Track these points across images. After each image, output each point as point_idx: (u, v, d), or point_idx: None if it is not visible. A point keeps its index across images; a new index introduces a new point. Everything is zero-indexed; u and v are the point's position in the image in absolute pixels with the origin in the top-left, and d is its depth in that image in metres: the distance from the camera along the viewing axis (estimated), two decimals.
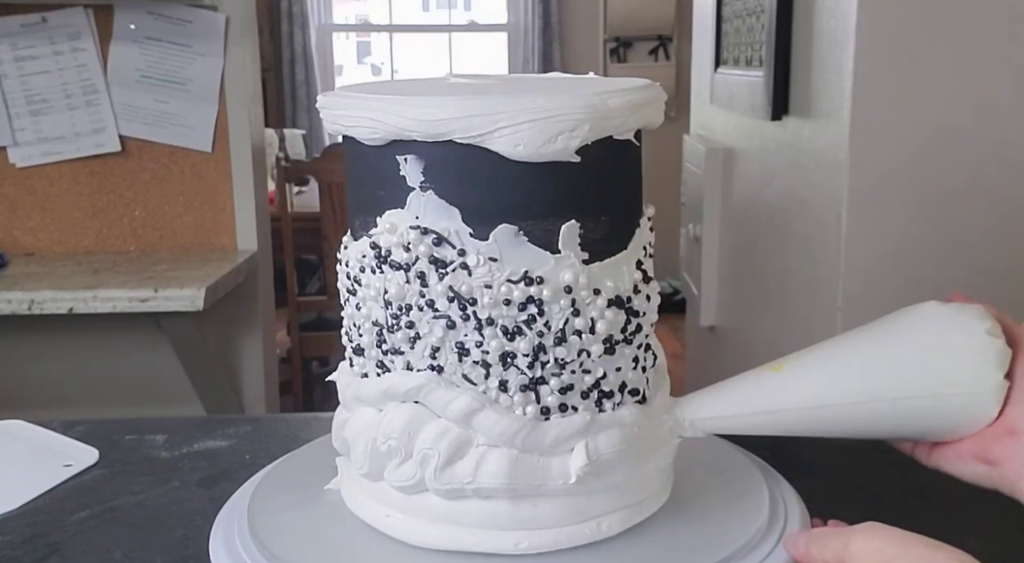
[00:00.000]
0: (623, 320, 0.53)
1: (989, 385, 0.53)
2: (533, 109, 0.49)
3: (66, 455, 0.78)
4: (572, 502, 0.54)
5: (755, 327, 1.84)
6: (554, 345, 0.51)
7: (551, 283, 0.50)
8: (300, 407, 2.81)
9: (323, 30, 4.63)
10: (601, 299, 0.52)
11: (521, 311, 0.50)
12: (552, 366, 0.51)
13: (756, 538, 0.55)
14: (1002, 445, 0.53)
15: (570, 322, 0.51)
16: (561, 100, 0.49)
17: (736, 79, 1.83)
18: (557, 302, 0.51)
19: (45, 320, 1.64)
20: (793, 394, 0.56)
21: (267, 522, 0.58)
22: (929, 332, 0.56)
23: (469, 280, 0.50)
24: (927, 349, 0.55)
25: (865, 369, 0.55)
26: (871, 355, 0.56)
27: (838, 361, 0.56)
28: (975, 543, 0.63)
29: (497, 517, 0.53)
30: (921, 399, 0.54)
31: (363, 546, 0.56)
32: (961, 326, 0.55)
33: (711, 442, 0.69)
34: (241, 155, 1.86)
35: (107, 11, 1.80)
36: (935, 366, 0.54)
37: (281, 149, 3.89)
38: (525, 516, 0.53)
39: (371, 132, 0.51)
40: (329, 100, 0.54)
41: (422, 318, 0.51)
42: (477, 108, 0.49)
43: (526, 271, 0.50)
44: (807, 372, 0.56)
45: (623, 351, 0.53)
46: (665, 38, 4.38)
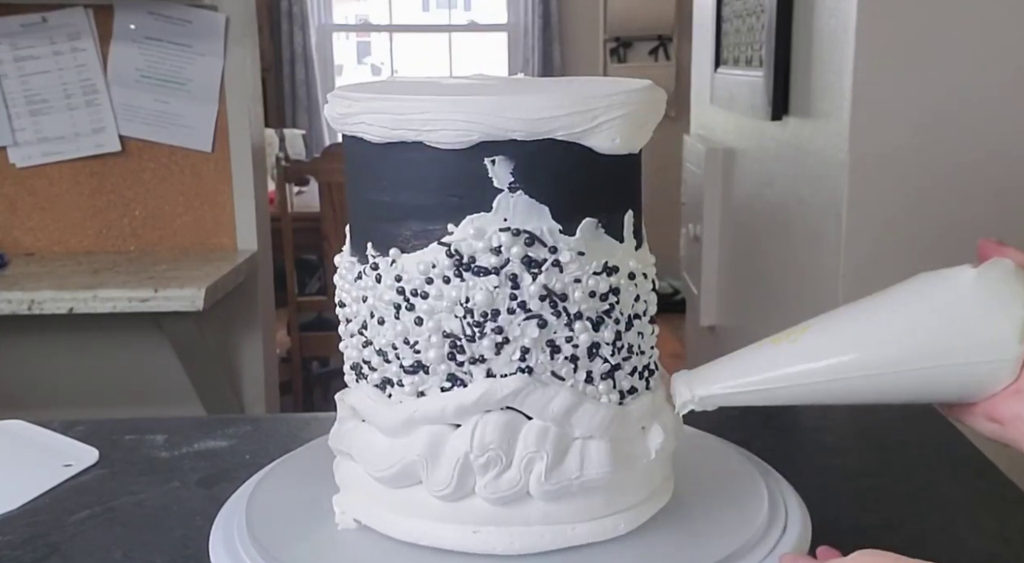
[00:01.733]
0: (656, 302, 0.57)
1: (1011, 355, 0.52)
2: (625, 104, 0.51)
3: (66, 455, 0.78)
4: (645, 478, 0.56)
5: (755, 327, 1.84)
6: (626, 331, 0.54)
7: (624, 272, 0.53)
8: (300, 407, 2.81)
9: (323, 30, 4.63)
10: (648, 282, 0.55)
11: (603, 301, 0.52)
12: (625, 351, 0.54)
13: (756, 538, 0.55)
14: (1008, 405, 0.53)
15: (634, 307, 0.54)
16: (638, 94, 0.52)
17: (736, 79, 1.83)
18: (628, 289, 0.53)
19: (45, 320, 1.64)
20: (814, 367, 0.55)
21: (267, 522, 0.58)
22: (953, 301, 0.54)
23: (561, 277, 0.51)
24: (951, 320, 0.54)
25: (889, 339, 0.54)
26: (895, 325, 0.55)
27: (861, 331, 0.55)
28: (975, 543, 0.63)
29: (595, 507, 0.54)
30: (941, 369, 0.53)
31: (362, 546, 0.56)
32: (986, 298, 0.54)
33: (711, 442, 0.69)
34: (241, 155, 1.86)
35: (107, 11, 1.80)
36: (958, 337, 0.53)
37: (281, 149, 3.89)
38: (618, 500, 0.55)
39: (459, 135, 0.49)
40: (386, 102, 0.51)
41: (512, 321, 0.51)
42: (577, 104, 0.49)
43: (606, 262, 0.52)
44: (829, 343, 0.55)
45: (654, 332, 0.57)
46: (665, 38, 4.37)
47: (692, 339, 2.50)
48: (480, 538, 0.53)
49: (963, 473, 0.74)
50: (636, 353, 0.54)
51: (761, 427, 0.83)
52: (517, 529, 0.53)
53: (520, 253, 0.50)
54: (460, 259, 0.50)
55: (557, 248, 0.51)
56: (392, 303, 0.53)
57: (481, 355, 0.51)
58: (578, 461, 0.52)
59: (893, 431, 0.82)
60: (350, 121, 0.52)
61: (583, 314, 0.51)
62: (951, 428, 0.82)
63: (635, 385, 0.55)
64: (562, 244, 0.51)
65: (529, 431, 0.52)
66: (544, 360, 0.51)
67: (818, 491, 0.64)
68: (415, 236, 0.52)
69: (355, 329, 0.56)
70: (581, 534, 0.54)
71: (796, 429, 0.85)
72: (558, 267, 0.51)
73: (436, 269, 0.51)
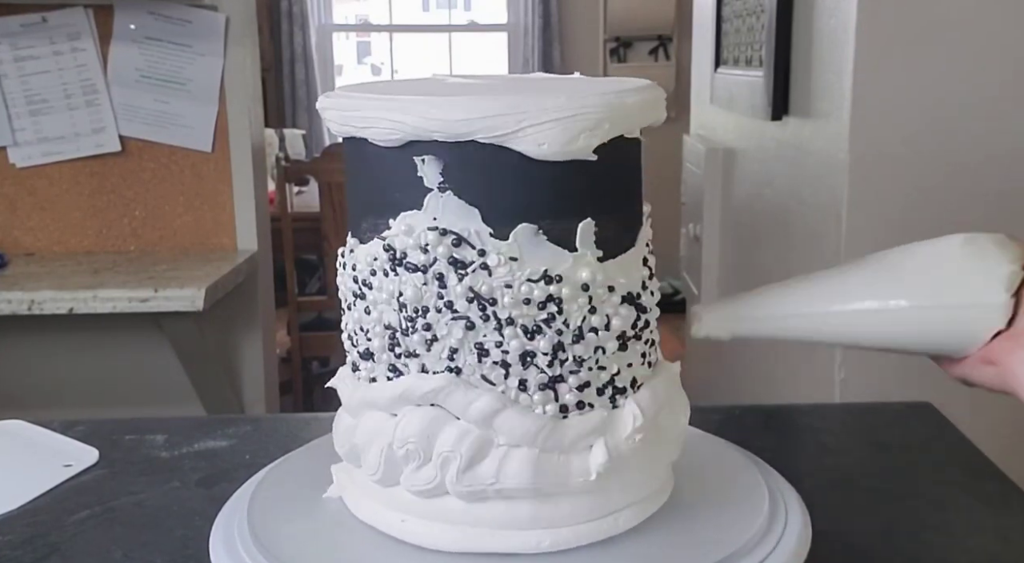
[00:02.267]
0: (634, 316, 0.54)
1: (997, 300, 0.58)
2: (557, 108, 0.49)
3: (66, 455, 0.78)
4: (590, 499, 0.54)
5: None
6: (572, 343, 0.51)
7: (569, 281, 0.51)
8: (300, 407, 2.81)
9: (323, 30, 4.63)
10: (615, 296, 0.52)
11: (541, 310, 0.51)
12: (571, 364, 0.52)
13: (756, 538, 0.55)
14: (1001, 346, 0.58)
15: (587, 320, 0.51)
16: (583, 99, 0.50)
17: (736, 79, 1.83)
18: (576, 300, 0.51)
19: (45, 320, 1.64)
20: (819, 298, 0.63)
21: (267, 522, 0.58)
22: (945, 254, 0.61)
23: (489, 280, 0.50)
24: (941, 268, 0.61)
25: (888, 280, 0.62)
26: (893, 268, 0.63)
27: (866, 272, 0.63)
28: (975, 543, 0.63)
29: (519, 517, 0.53)
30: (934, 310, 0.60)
31: (362, 546, 0.56)
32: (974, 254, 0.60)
33: (711, 442, 0.69)
34: (241, 155, 1.86)
35: (107, 11, 1.80)
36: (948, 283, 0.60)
37: (281, 149, 3.89)
38: (546, 515, 0.53)
39: (388, 133, 0.50)
40: (336, 100, 0.53)
41: (440, 320, 0.51)
42: (501, 108, 0.48)
43: (545, 270, 0.50)
44: (835, 279, 0.64)
45: (634, 347, 0.54)
46: (665, 38, 4.37)
47: (692, 339, 2.50)
48: (407, 527, 0.54)
49: (963, 473, 0.74)
50: (589, 368, 0.52)
51: (761, 427, 0.83)
52: (439, 525, 0.54)
53: (446, 253, 0.50)
54: (394, 254, 0.51)
55: (485, 251, 0.50)
56: (351, 291, 0.55)
57: (414, 350, 0.52)
58: (495, 467, 0.52)
59: (893, 431, 0.82)
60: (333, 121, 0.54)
61: (515, 320, 0.50)
62: (951, 428, 0.82)
63: (586, 401, 0.53)
64: (491, 247, 0.50)
65: (450, 430, 0.52)
66: (472, 362, 0.51)
67: (818, 491, 0.64)
68: (370, 229, 0.54)
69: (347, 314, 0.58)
70: (500, 541, 0.53)
71: (796, 429, 0.85)
72: (486, 270, 0.50)
73: (377, 262, 0.52)
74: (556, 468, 0.52)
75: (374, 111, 0.51)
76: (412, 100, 0.50)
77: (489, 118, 0.48)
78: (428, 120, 0.49)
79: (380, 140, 0.51)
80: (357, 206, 0.56)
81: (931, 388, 1.18)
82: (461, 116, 0.48)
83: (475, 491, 0.52)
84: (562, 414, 0.52)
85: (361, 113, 0.51)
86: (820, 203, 1.37)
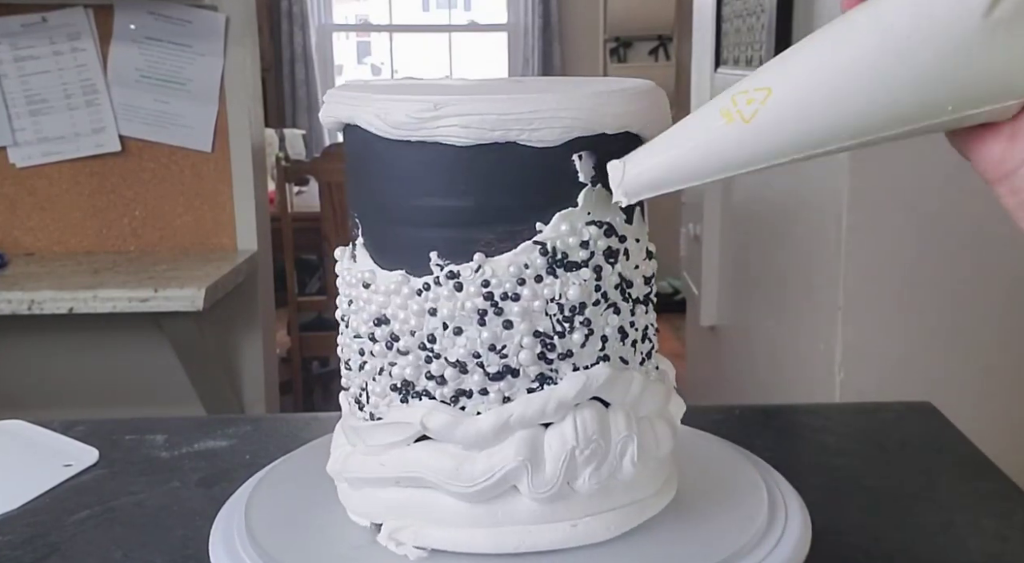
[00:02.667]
0: None
1: None
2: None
3: (66, 455, 0.78)
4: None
5: (755, 327, 1.84)
6: (645, 313, 0.56)
7: (653, 256, 0.56)
8: (300, 407, 2.81)
9: (323, 30, 4.63)
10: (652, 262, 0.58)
11: (647, 285, 0.55)
12: (653, 332, 0.57)
13: (756, 538, 0.55)
14: None
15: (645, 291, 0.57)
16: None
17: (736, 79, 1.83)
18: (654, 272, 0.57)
19: (45, 320, 1.64)
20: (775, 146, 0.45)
21: (267, 522, 0.58)
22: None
23: (628, 264, 0.53)
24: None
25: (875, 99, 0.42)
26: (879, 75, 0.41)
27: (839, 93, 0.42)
28: (975, 543, 0.63)
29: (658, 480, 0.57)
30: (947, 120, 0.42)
31: (362, 546, 0.56)
32: None
33: (711, 442, 0.69)
34: (241, 155, 1.86)
35: (107, 11, 1.80)
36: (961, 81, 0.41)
37: (281, 149, 3.89)
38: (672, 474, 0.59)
39: (557, 133, 0.49)
40: (489, 104, 0.49)
41: (596, 312, 0.52)
42: (648, 101, 0.53)
43: (646, 247, 0.55)
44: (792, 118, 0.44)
45: None
46: (665, 38, 4.37)
47: (692, 339, 2.50)
48: (580, 530, 0.54)
49: (963, 473, 0.74)
50: (654, 334, 0.58)
51: (761, 427, 0.83)
52: (610, 515, 0.54)
53: (604, 245, 0.52)
54: (553, 255, 0.50)
55: (626, 237, 0.53)
56: (476, 309, 0.51)
57: (570, 350, 0.52)
58: (654, 439, 0.55)
59: (893, 431, 0.82)
60: (429, 126, 0.49)
61: (641, 298, 0.54)
62: (951, 428, 0.82)
63: (660, 365, 0.58)
64: (628, 233, 0.53)
65: (617, 417, 0.53)
66: (616, 347, 0.53)
67: (818, 491, 0.64)
68: (499, 238, 0.50)
69: (413, 346, 0.52)
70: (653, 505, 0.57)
71: (796, 429, 0.85)
72: (626, 255, 0.53)
73: (528, 270, 0.50)
74: (674, 429, 0.58)
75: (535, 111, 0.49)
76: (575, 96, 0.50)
77: (638, 112, 0.52)
78: (604, 116, 0.50)
79: (543, 141, 0.49)
80: (477, 217, 0.51)
81: (931, 388, 1.18)
82: (623, 110, 0.51)
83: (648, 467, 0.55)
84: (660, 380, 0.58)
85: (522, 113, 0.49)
86: (820, 203, 1.37)
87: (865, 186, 1.27)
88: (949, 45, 0.40)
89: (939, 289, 1.33)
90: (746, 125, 0.44)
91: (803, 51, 0.44)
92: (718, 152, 0.45)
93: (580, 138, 0.50)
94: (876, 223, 1.29)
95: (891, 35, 0.41)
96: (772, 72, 0.45)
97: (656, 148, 0.48)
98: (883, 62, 0.41)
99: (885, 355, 1.34)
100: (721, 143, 0.45)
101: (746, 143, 0.44)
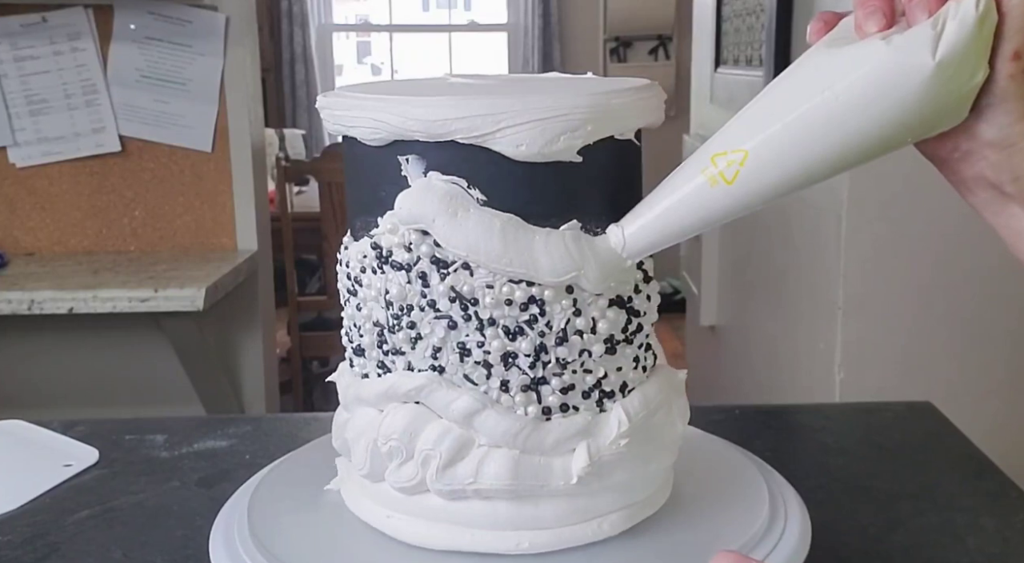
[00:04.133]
0: (624, 320, 0.53)
1: None
2: (535, 109, 0.49)
3: (66, 455, 0.78)
4: (573, 502, 0.54)
5: (755, 327, 1.84)
6: (556, 345, 0.51)
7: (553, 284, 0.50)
8: (300, 407, 2.81)
9: (323, 30, 4.63)
10: (603, 299, 0.52)
11: (523, 311, 0.50)
12: (553, 366, 0.51)
13: (756, 538, 0.55)
14: None
15: (572, 322, 0.51)
16: (564, 100, 0.49)
17: (736, 79, 1.83)
18: (559, 302, 0.50)
19: (45, 320, 1.64)
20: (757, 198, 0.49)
21: (267, 522, 0.58)
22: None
23: (471, 280, 0.50)
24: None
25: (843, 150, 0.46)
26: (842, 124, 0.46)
27: (809, 147, 0.47)
28: (975, 543, 0.63)
29: (498, 517, 0.53)
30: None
31: (363, 546, 0.56)
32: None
33: (711, 442, 0.69)
34: (241, 155, 1.86)
35: (107, 11, 1.80)
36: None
37: (281, 149, 3.89)
38: (526, 516, 0.53)
39: (373, 132, 0.51)
40: (330, 100, 0.54)
41: (423, 318, 0.51)
42: (479, 108, 0.48)
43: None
44: (771, 176, 0.48)
45: (624, 351, 0.53)
46: (665, 38, 4.37)
47: (692, 339, 2.50)
48: (392, 523, 0.55)
49: (963, 473, 0.74)
50: (574, 371, 0.52)
51: (761, 427, 0.83)
52: (422, 522, 0.54)
53: (429, 252, 0.50)
54: (381, 252, 0.52)
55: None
56: (346, 288, 0.56)
57: (399, 347, 0.53)
58: (474, 467, 0.52)
59: (893, 431, 0.82)
60: (327, 120, 0.55)
61: (496, 321, 0.50)
62: (951, 428, 0.82)
63: (570, 403, 0.52)
64: None
65: (432, 429, 0.52)
66: (455, 361, 0.51)
67: (818, 491, 0.64)
68: (361, 227, 0.54)
69: None
70: (480, 541, 0.53)
71: (796, 429, 0.85)
72: (468, 270, 0.50)
73: (367, 260, 0.53)
74: (536, 470, 0.52)
75: (360, 111, 0.51)
76: (394, 100, 0.50)
77: (466, 119, 0.49)
78: (408, 120, 0.49)
79: (367, 139, 0.52)
80: (351, 204, 0.56)
81: (931, 388, 1.18)
82: (439, 116, 0.49)
83: (455, 490, 0.52)
84: (545, 416, 0.52)
85: (349, 113, 0.52)
86: (820, 203, 1.37)
87: (865, 186, 1.27)
88: (907, 94, 0.44)
89: (939, 289, 1.33)
90: (729, 186, 0.49)
91: (772, 108, 0.48)
92: (706, 212, 0.50)
93: (401, 141, 0.50)
94: (876, 223, 1.29)
95: (852, 92, 0.45)
96: (744, 133, 0.49)
97: (648, 213, 0.52)
98: (848, 117, 0.46)
99: (885, 355, 1.34)
100: (709, 204, 0.50)
101: (731, 201, 0.49)
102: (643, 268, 0.55)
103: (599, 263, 0.51)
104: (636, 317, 0.54)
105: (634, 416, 0.53)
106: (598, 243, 0.51)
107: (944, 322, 1.34)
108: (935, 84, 0.44)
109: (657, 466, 0.57)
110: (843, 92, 0.45)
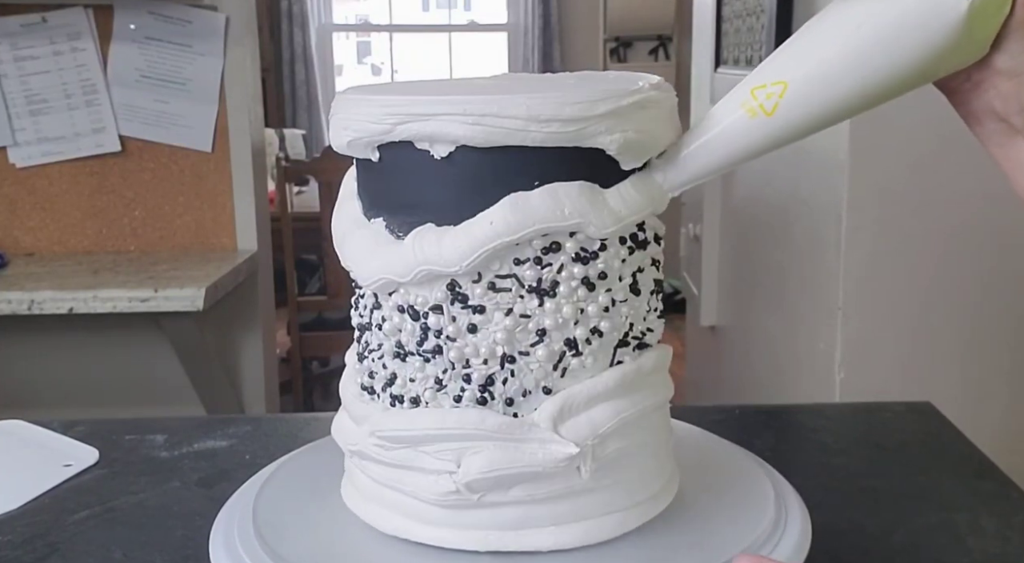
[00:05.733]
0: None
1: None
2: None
3: (66, 455, 0.78)
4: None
5: (755, 327, 1.84)
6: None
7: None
8: (300, 407, 2.81)
9: (323, 30, 4.63)
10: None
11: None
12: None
13: (761, 539, 0.55)
14: None
15: None
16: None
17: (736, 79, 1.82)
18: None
19: (45, 320, 1.64)
20: (796, 131, 0.50)
21: (267, 522, 0.58)
22: None
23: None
24: None
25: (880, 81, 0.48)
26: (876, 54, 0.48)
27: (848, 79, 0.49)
28: (975, 543, 0.63)
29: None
30: None
31: (364, 546, 0.56)
32: None
33: (712, 442, 0.69)
34: (241, 155, 1.86)
35: (107, 11, 1.80)
36: None
37: (281, 149, 3.89)
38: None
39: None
40: None
41: None
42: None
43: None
44: (810, 108, 0.50)
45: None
46: (665, 38, 4.38)
47: (692, 339, 2.50)
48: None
49: (963, 473, 0.74)
50: None
51: (761, 427, 0.83)
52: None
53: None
54: None
55: None
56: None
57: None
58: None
59: (893, 431, 0.82)
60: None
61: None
62: (951, 428, 0.82)
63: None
64: None
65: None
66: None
67: (818, 491, 0.64)
68: None
69: None
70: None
71: (796, 429, 0.85)
72: None
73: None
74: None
75: None
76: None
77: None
78: None
79: None
80: None
81: (931, 388, 1.18)
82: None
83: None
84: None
85: None
86: (820, 203, 1.37)
87: (865, 186, 1.27)
88: (942, 30, 0.46)
89: (939, 289, 1.33)
90: (769, 118, 0.50)
91: (811, 42, 0.50)
92: (747, 143, 0.51)
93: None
94: (876, 223, 1.29)
95: (887, 30, 0.47)
96: (784, 65, 0.50)
97: (691, 145, 0.52)
98: (881, 53, 0.48)
99: (885, 355, 1.34)
100: (750, 136, 0.51)
101: (771, 132, 0.50)
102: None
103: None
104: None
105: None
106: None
107: (944, 322, 1.34)
108: (968, 22, 0.45)
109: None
110: (879, 28, 0.47)
